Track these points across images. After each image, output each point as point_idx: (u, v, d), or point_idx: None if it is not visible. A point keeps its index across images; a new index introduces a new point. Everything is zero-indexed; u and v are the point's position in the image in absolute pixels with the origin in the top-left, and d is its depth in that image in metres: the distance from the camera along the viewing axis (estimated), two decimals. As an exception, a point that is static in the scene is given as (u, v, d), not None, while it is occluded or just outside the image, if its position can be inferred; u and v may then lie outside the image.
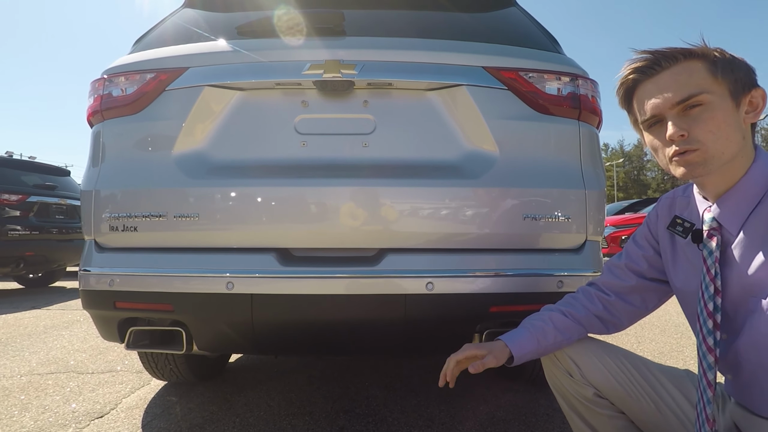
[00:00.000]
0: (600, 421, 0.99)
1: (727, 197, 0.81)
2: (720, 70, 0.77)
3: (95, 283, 1.35)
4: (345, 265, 1.28)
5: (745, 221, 0.79)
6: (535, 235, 1.34)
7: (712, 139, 0.77)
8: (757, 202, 0.78)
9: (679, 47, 0.80)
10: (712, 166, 0.78)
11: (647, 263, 1.02)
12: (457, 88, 1.35)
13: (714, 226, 0.84)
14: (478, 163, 1.34)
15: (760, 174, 0.79)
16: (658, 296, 1.04)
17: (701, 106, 0.77)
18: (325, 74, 1.31)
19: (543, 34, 1.59)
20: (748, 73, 0.79)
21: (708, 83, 0.77)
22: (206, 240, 1.32)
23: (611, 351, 1.00)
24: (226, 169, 1.34)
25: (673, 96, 0.78)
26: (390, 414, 1.87)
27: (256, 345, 1.39)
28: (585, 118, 1.43)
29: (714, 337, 0.82)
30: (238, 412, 1.92)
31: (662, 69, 0.80)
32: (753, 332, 0.78)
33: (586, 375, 0.98)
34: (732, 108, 0.77)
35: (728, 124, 0.77)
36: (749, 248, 0.79)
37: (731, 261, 0.82)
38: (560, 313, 1.04)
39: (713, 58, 0.78)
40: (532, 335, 1.00)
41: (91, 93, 1.51)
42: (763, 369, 0.78)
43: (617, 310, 1.04)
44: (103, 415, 1.90)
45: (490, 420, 1.81)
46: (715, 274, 0.82)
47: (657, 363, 1.01)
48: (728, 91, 0.77)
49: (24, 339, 3.27)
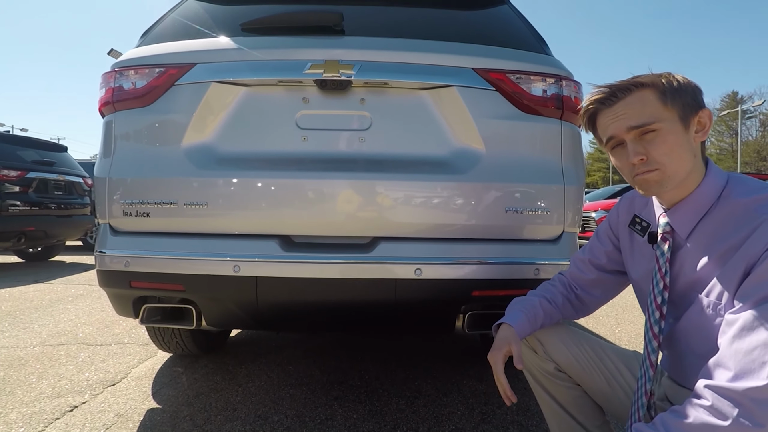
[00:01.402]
0: (559, 391, 1.14)
1: (680, 206, 0.93)
2: (669, 98, 0.87)
3: (111, 264, 1.47)
4: (342, 251, 1.40)
5: (694, 229, 0.91)
6: (516, 226, 1.46)
7: (668, 160, 0.87)
8: (705, 213, 0.90)
9: (631, 79, 0.91)
10: (669, 186, 0.89)
11: (607, 257, 1.16)
12: (448, 88, 1.45)
13: (667, 230, 0.95)
14: (465, 159, 1.45)
15: (709, 189, 0.90)
16: (617, 285, 1.18)
17: (654, 132, 0.87)
18: (324, 74, 1.41)
19: (531, 35, 1.68)
20: (694, 96, 0.89)
21: (659, 111, 0.87)
22: (214, 226, 1.43)
23: (571, 332, 1.14)
24: (232, 160, 1.44)
25: (627, 123, 0.88)
26: (381, 386, 2.03)
27: (261, 322, 1.52)
28: (568, 118, 1.54)
29: (659, 325, 0.95)
30: (240, 381, 2.07)
31: (618, 99, 0.90)
32: (688, 320, 0.91)
33: (549, 352, 1.13)
34: (682, 131, 0.88)
35: (680, 146, 0.87)
36: (695, 252, 0.91)
37: (680, 261, 0.94)
38: (546, 300, 1.17)
39: (662, 86, 0.88)
40: (529, 319, 1.12)
41: (102, 85, 1.59)
42: (690, 350, 0.92)
43: (583, 299, 1.18)
44: (115, 383, 2.05)
45: (472, 392, 1.97)
46: (665, 273, 0.95)
47: (610, 344, 1.15)
48: (677, 116, 0.88)
49: (31, 312, 3.40)
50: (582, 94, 1.60)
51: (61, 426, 1.65)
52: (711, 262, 0.87)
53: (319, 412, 1.77)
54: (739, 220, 0.84)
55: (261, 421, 1.68)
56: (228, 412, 1.76)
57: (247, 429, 1.62)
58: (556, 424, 1.18)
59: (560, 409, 1.16)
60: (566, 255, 1.50)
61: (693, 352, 0.92)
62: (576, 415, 1.15)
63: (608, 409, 1.14)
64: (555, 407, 1.17)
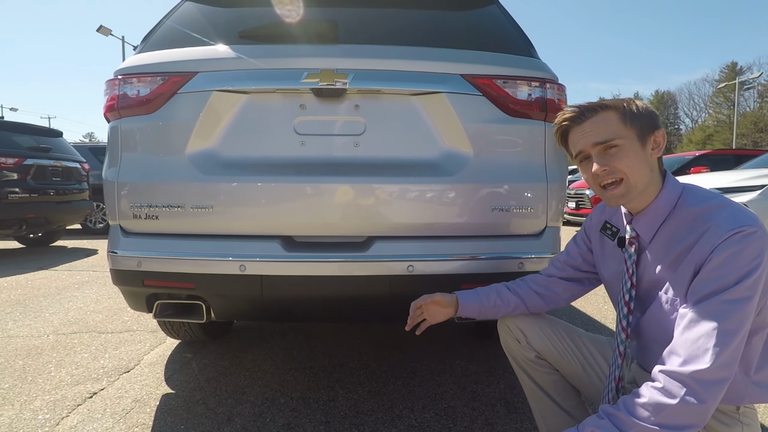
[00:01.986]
0: (539, 376, 1.28)
1: (643, 215, 1.05)
2: (629, 120, 1.00)
3: (123, 264, 1.57)
4: (339, 250, 1.51)
5: (655, 234, 1.04)
6: (501, 223, 1.57)
7: (629, 172, 1.00)
8: (663, 221, 1.02)
9: (598, 102, 1.04)
10: (632, 196, 1.02)
11: (582, 258, 1.28)
12: (438, 94, 1.53)
13: (633, 235, 1.08)
14: (454, 162, 1.54)
15: (666, 199, 1.02)
16: (588, 284, 1.31)
17: (616, 147, 1.00)
18: (320, 83, 1.48)
19: (518, 37, 1.75)
20: (650, 119, 1.02)
21: (620, 130, 1.00)
22: (220, 228, 1.53)
23: (551, 323, 1.27)
24: (235, 166, 1.53)
25: (593, 139, 1.01)
26: (379, 368, 2.17)
27: (266, 315, 1.64)
28: (551, 119, 1.62)
29: (627, 320, 1.08)
30: (246, 366, 2.21)
31: (586, 118, 1.03)
32: (651, 315, 1.04)
33: (531, 342, 1.25)
34: (640, 148, 1.01)
35: (638, 161, 1.00)
36: (656, 255, 1.04)
37: (644, 263, 1.07)
38: (505, 287, 1.32)
39: (623, 109, 1.01)
40: (478, 295, 1.30)
41: (106, 91, 1.66)
42: (654, 340, 1.04)
43: (556, 291, 1.31)
44: (129, 370, 2.18)
45: (464, 372, 2.12)
46: (632, 273, 1.07)
47: (586, 332, 1.28)
48: (636, 135, 1.00)
49: (40, 300, 3.52)
50: (566, 95, 1.69)
51: (83, 412, 1.78)
52: (668, 264, 1.00)
53: (322, 393, 1.91)
54: (690, 227, 0.96)
55: (269, 404, 1.82)
56: (237, 395, 1.90)
57: (256, 411, 1.76)
58: (537, 405, 1.32)
59: (540, 392, 1.30)
60: (548, 248, 1.61)
61: (656, 342, 1.04)
62: (554, 396, 1.29)
63: (584, 391, 1.27)
64: (536, 390, 1.30)
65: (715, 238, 0.89)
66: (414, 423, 1.68)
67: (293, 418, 1.72)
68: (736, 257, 0.87)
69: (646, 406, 0.84)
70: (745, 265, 0.86)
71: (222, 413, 1.75)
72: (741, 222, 0.89)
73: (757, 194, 5.06)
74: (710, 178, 5.72)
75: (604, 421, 0.87)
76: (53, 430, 1.65)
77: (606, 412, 0.90)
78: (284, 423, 1.68)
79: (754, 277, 0.86)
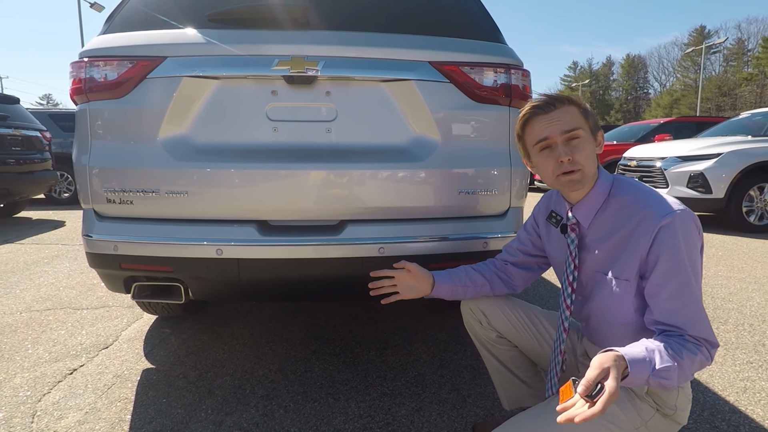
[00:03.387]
0: (500, 352, 1.40)
1: (581, 204, 1.17)
2: (585, 115, 1.12)
3: (99, 248, 1.60)
4: (313, 233, 1.57)
5: (592, 220, 1.15)
6: (467, 206, 1.65)
7: (586, 163, 1.11)
8: (599, 208, 1.14)
9: (564, 95, 1.13)
10: (585, 183, 1.13)
11: (532, 244, 1.39)
12: (407, 81, 1.57)
13: (574, 222, 1.19)
14: (422, 147, 1.60)
15: (600, 189, 1.14)
16: (539, 267, 1.43)
17: (578, 139, 1.10)
18: (291, 70, 1.50)
19: (485, 22, 1.78)
20: (595, 120, 1.14)
21: (581, 122, 1.11)
22: (196, 213, 1.56)
23: (510, 304, 1.38)
24: (208, 152, 1.55)
25: (562, 127, 1.10)
26: (353, 339, 2.29)
27: (244, 296, 1.71)
28: (516, 104, 1.69)
29: (571, 298, 1.19)
30: (225, 340, 2.29)
31: (555, 108, 1.11)
32: (601, 298, 1.15)
33: (492, 323, 1.37)
34: (592, 141, 1.12)
35: (592, 152, 1.12)
36: (595, 239, 1.15)
37: (585, 246, 1.18)
38: (472, 268, 1.42)
39: (581, 106, 1.13)
40: (450, 276, 1.39)
41: (72, 73, 1.63)
42: (604, 321, 1.17)
43: (512, 276, 1.42)
44: (108, 346, 2.23)
45: (434, 341, 2.26)
46: (575, 256, 1.18)
47: (542, 309, 1.40)
48: (590, 130, 1.12)
49: (9, 275, 3.48)
50: (530, 81, 1.75)
51: (65, 388, 1.84)
52: (609, 248, 1.12)
53: (299, 365, 2.01)
54: (625, 214, 1.09)
55: (248, 376, 1.92)
56: (217, 368, 1.99)
57: (235, 383, 1.86)
58: (497, 377, 1.45)
59: (501, 366, 1.43)
60: (511, 228, 1.72)
61: (607, 322, 1.17)
62: (513, 369, 1.42)
63: (540, 363, 1.41)
64: (496, 364, 1.43)
65: (650, 227, 1.03)
66: (386, 391, 1.80)
67: (272, 389, 1.82)
68: (676, 236, 1.00)
69: (700, 363, 0.97)
70: (686, 240, 1.01)
71: (202, 386, 1.84)
72: (667, 209, 1.03)
73: (713, 162, 5.33)
74: (672, 147, 5.96)
75: (674, 365, 0.92)
76: (36, 407, 1.71)
77: (673, 357, 0.93)
78: (263, 394, 1.78)
79: (695, 250, 1.03)
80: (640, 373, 0.89)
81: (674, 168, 5.57)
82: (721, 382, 1.86)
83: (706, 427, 1.56)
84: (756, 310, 2.69)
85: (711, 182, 5.28)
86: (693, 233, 1.02)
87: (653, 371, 0.90)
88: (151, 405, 1.71)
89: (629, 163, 6.43)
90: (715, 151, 5.37)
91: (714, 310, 2.69)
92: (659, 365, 0.90)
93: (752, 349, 2.16)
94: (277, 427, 1.57)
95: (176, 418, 1.62)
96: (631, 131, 9.58)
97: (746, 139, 5.54)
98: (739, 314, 2.62)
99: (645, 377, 0.90)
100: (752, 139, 5.54)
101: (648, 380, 0.90)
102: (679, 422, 1.10)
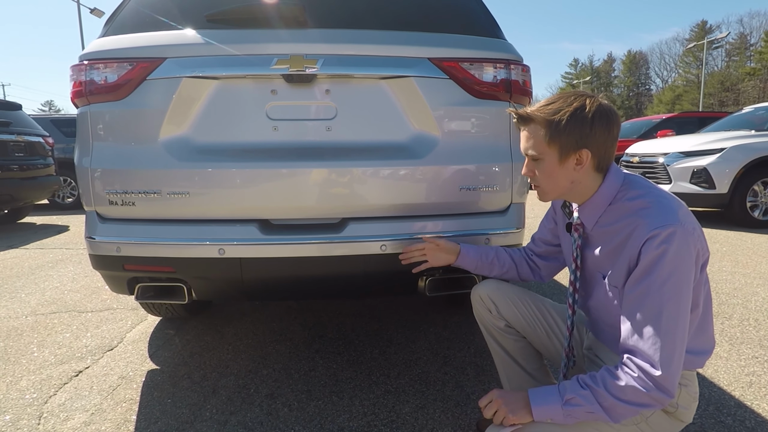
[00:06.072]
0: (507, 343, 1.40)
1: (585, 206, 1.15)
2: (551, 137, 1.06)
3: (102, 250, 1.60)
4: (315, 232, 1.57)
5: (596, 222, 1.14)
6: (469, 202, 1.65)
7: (544, 183, 1.13)
8: (602, 212, 1.12)
9: (536, 109, 1.09)
10: (548, 198, 1.16)
11: (551, 234, 1.40)
12: (406, 78, 1.57)
13: (578, 222, 1.18)
14: (423, 144, 1.60)
15: (604, 194, 1.11)
16: (560, 257, 1.43)
17: (537, 161, 1.11)
18: (290, 69, 1.50)
19: (484, 17, 1.78)
20: (580, 136, 1.04)
21: (541, 147, 1.08)
22: (198, 213, 1.57)
23: (520, 293, 1.38)
24: (209, 152, 1.55)
25: (523, 145, 1.14)
26: (356, 337, 2.29)
27: (246, 295, 1.72)
28: (516, 100, 1.69)
29: (573, 297, 1.20)
30: (229, 340, 2.29)
31: (526, 125, 1.12)
32: (598, 297, 1.15)
33: (501, 311, 1.37)
34: (557, 164, 1.08)
35: (554, 175, 1.10)
36: (597, 240, 1.15)
37: (587, 247, 1.18)
38: (503, 249, 1.47)
39: (551, 125, 1.05)
40: (478, 250, 1.46)
41: (72, 77, 1.64)
42: (602, 320, 1.17)
43: (539, 265, 1.45)
44: (112, 348, 2.24)
45: (437, 339, 2.26)
46: (576, 256, 1.19)
47: (552, 302, 1.40)
48: (556, 153, 1.07)
49: (14, 280, 3.50)
50: (530, 76, 1.75)
51: (70, 390, 1.85)
52: (607, 252, 1.11)
53: (303, 364, 2.02)
54: (624, 221, 1.06)
55: (252, 375, 1.92)
56: (221, 368, 1.99)
57: (240, 383, 1.86)
58: (503, 367, 1.45)
59: (507, 357, 1.42)
60: (513, 224, 1.71)
61: (604, 322, 1.17)
62: (520, 360, 1.42)
63: (547, 355, 1.40)
64: (503, 355, 1.43)
65: (641, 237, 0.98)
66: (390, 389, 1.80)
67: (276, 388, 1.82)
68: (661, 252, 0.95)
69: (624, 389, 0.94)
70: (674, 259, 0.94)
71: (207, 386, 1.84)
72: (663, 221, 0.96)
73: (716, 157, 5.31)
74: (674, 143, 5.93)
75: (585, 392, 0.96)
76: (42, 408, 1.72)
77: (586, 383, 0.98)
78: (267, 393, 1.78)
79: (678, 274, 0.95)
80: (545, 408, 0.98)
81: (677, 164, 5.55)
82: (727, 377, 1.85)
83: (711, 422, 1.55)
84: (761, 305, 2.67)
85: (714, 177, 5.25)
86: (685, 251, 0.95)
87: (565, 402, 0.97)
88: (156, 405, 1.71)
89: (632, 160, 6.41)
90: (719, 146, 5.35)
91: (719, 305, 2.68)
92: (568, 395, 0.97)
93: (757, 344, 2.15)
94: (282, 425, 1.58)
95: (181, 418, 1.63)
96: (634, 127, 9.55)
97: (750, 134, 5.51)
98: (744, 309, 2.60)
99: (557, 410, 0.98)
100: (756, 133, 5.51)
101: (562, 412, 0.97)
102: (683, 420, 1.08)
